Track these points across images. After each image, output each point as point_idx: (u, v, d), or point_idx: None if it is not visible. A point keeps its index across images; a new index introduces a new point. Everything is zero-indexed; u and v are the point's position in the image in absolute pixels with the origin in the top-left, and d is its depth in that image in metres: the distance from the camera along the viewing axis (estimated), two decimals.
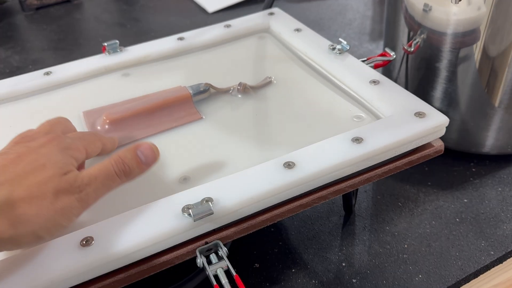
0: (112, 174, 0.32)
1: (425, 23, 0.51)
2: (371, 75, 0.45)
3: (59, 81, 0.50)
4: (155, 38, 0.56)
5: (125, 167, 0.32)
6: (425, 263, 0.43)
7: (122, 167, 0.32)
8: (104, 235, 0.31)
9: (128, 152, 0.33)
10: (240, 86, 0.46)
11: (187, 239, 0.33)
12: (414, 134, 0.38)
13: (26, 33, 0.93)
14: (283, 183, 0.34)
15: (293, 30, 0.54)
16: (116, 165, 0.32)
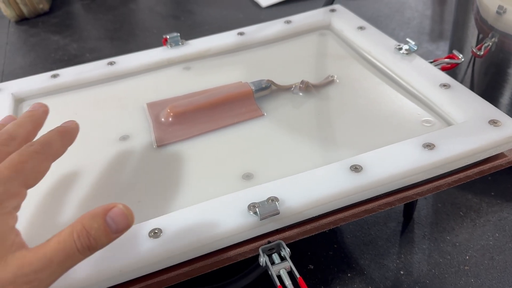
0: (73, 252, 0.24)
1: (498, 26, 0.49)
2: (441, 78, 0.43)
3: (122, 72, 0.51)
4: (209, 31, 0.56)
5: (91, 241, 0.24)
6: (487, 277, 0.41)
7: (87, 242, 0.24)
8: (171, 227, 0.31)
9: (95, 220, 0.25)
10: (302, 84, 0.46)
11: (251, 237, 0.33)
12: (489, 143, 0.36)
13: (83, 22, 0.95)
14: (349, 187, 0.34)
15: (356, 28, 0.53)
16: (80, 240, 0.24)
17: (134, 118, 0.44)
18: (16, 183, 0.25)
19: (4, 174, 0.25)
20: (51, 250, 0.23)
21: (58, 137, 0.30)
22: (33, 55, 0.83)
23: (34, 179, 0.27)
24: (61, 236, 0.24)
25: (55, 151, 0.29)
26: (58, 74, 0.50)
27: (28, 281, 0.22)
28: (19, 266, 0.22)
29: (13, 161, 0.26)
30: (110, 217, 0.25)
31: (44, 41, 0.87)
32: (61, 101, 0.48)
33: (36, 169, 0.27)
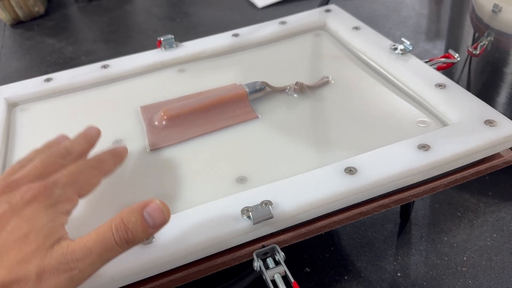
0: (111, 244, 0.26)
1: (494, 25, 0.49)
2: (437, 78, 0.43)
3: (116, 75, 0.51)
4: (205, 32, 0.56)
5: (128, 235, 0.26)
6: (485, 278, 0.41)
7: (125, 235, 0.26)
8: (164, 233, 0.31)
9: (132, 214, 0.27)
10: (297, 86, 0.45)
11: (244, 242, 0.32)
12: (485, 143, 0.36)
13: (79, 25, 0.95)
14: (344, 189, 0.33)
15: (352, 28, 0.53)
16: (118, 233, 0.26)
17: (127, 122, 0.44)
18: (72, 190, 0.29)
19: (63, 180, 0.29)
20: (91, 241, 0.25)
21: (110, 156, 0.33)
22: (29, 59, 0.83)
23: (86, 189, 0.30)
24: (100, 229, 0.26)
25: (107, 168, 0.32)
26: (52, 78, 0.50)
27: (69, 269, 0.24)
28: (63, 254, 0.25)
29: (71, 171, 0.30)
30: (147, 212, 0.27)
31: (40, 44, 0.87)
32: (54, 105, 0.48)
33: (89, 181, 0.30)
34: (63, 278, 0.24)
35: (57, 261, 0.24)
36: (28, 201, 0.27)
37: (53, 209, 0.27)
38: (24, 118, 0.46)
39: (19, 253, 0.24)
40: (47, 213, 0.26)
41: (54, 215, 0.27)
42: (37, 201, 0.27)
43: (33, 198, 0.27)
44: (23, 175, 0.29)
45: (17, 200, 0.26)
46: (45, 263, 0.24)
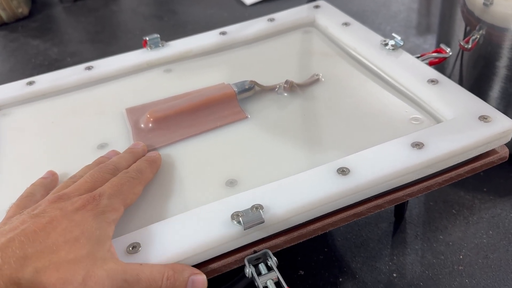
0: (156, 286, 0.28)
1: (485, 18, 0.48)
2: (429, 73, 0.42)
3: (100, 76, 0.49)
4: (193, 30, 0.55)
5: None
6: (482, 276, 0.40)
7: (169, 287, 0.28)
8: (151, 241, 0.30)
9: (183, 274, 0.29)
10: (286, 84, 0.44)
11: (235, 248, 0.31)
12: (480, 140, 0.35)
13: (64, 25, 0.93)
14: (337, 191, 0.32)
15: (341, 24, 0.52)
16: (166, 281, 0.28)
17: (113, 125, 0.43)
18: (117, 200, 0.31)
19: (108, 192, 0.31)
20: (142, 273, 0.27)
21: (147, 165, 0.36)
22: (13, 61, 0.81)
23: (131, 199, 0.32)
24: (154, 268, 0.28)
25: (146, 176, 0.35)
26: (34, 81, 0.49)
27: (116, 286, 0.26)
28: (115, 270, 0.27)
29: (114, 183, 0.32)
30: (192, 280, 0.29)
31: (24, 46, 0.85)
32: (37, 109, 0.46)
33: (132, 191, 0.33)
34: None
35: (107, 274, 0.26)
36: (78, 208, 0.29)
37: (101, 217, 0.29)
38: (6, 123, 0.45)
39: (69, 253, 0.26)
40: (95, 221, 0.28)
41: (102, 223, 0.29)
42: (85, 209, 0.29)
43: (82, 207, 0.29)
44: (74, 189, 0.31)
45: (68, 207, 0.29)
46: (94, 271, 0.26)
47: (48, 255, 0.25)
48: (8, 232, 0.27)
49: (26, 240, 0.26)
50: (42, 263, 0.25)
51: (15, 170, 0.39)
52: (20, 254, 0.25)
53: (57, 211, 0.28)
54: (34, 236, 0.26)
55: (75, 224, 0.27)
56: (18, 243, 0.26)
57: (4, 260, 0.25)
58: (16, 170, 0.39)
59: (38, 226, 0.27)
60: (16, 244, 0.26)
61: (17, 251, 0.25)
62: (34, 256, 0.25)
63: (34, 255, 0.25)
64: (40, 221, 0.27)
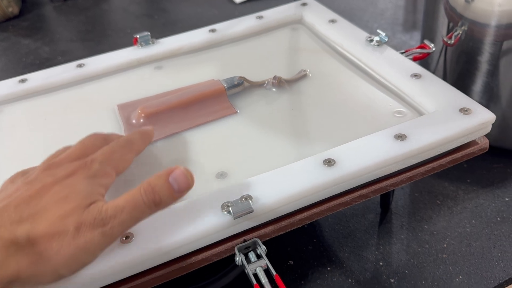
0: (140, 204, 0.29)
1: (467, 14, 0.49)
2: (412, 68, 0.44)
3: (92, 74, 0.50)
4: (183, 29, 0.56)
5: (156, 197, 0.29)
6: (465, 264, 0.42)
7: (152, 197, 0.29)
8: (144, 231, 0.31)
9: (159, 179, 0.29)
10: (274, 80, 0.45)
11: (225, 237, 0.32)
12: (460, 131, 0.36)
13: (54, 24, 0.93)
14: (323, 181, 0.33)
15: (328, 21, 0.53)
16: (146, 195, 0.29)
17: (105, 121, 0.44)
18: (109, 166, 0.32)
19: (100, 158, 0.32)
20: (122, 202, 0.28)
21: (138, 136, 0.36)
22: (4, 60, 0.81)
23: (122, 166, 0.33)
24: (130, 192, 0.29)
25: (137, 146, 0.35)
26: (26, 79, 0.49)
27: (103, 224, 0.27)
28: (98, 211, 0.28)
29: (106, 150, 0.33)
30: (172, 177, 0.30)
31: (15, 46, 0.85)
32: (30, 107, 0.47)
33: (123, 158, 0.33)
34: (97, 232, 0.27)
35: (93, 217, 0.27)
36: (69, 174, 0.30)
37: (92, 180, 0.30)
38: None
39: (59, 210, 0.27)
40: (86, 182, 0.29)
41: (92, 184, 0.30)
42: (77, 174, 0.30)
43: (74, 172, 0.30)
44: (65, 157, 0.32)
45: (59, 174, 0.30)
46: (82, 219, 0.27)
47: (41, 215, 0.27)
48: (3, 199, 0.28)
49: (21, 205, 0.27)
50: (36, 222, 0.27)
51: (8, 167, 0.40)
52: (16, 218, 0.27)
53: (49, 178, 0.29)
54: (28, 200, 0.28)
55: (66, 186, 0.29)
56: (13, 207, 0.27)
57: (1, 223, 0.26)
58: (9, 167, 0.40)
59: (32, 192, 0.28)
60: (11, 209, 0.27)
61: (12, 215, 0.27)
62: (29, 217, 0.27)
63: (28, 216, 0.27)
64: (33, 187, 0.29)
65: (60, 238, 0.26)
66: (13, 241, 0.26)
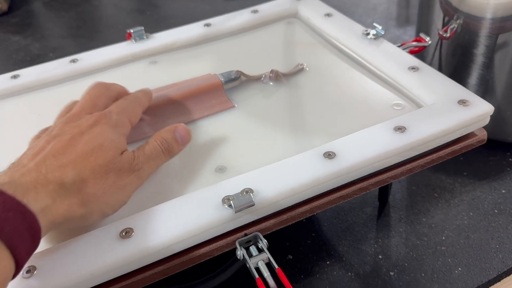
0: (160, 153, 0.34)
1: (462, 8, 0.49)
2: (410, 61, 0.44)
3: (85, 69, 0.49)
4: (175, 24, 0.55)
5: (169, 147, 0.35)
6: (464, 256, 0.42)
7: (167, 147, 0.35)
8: (144, 226, 0.30)
9: (168, 133, 0.35)
10: (272, 74, 0.45)
11: (226, 231, 0.32)
12: (459, 123, 0.36)
13: (44, 21, 0.92)
14: (324, 174, 0.33)
15: (324, 15, 0.53)
16: (162, 145, 0.34)
17: None
18: (124, 117, 0.35)
19: (115, 110, 0.35)
20: (148, 150, 0.34)
21: (142, 93, 0.40)
22: None
23: (134, 117, 0.37)
24: (151, 143, 0.34)
25: (143, 102, 0.39)
26: (19, 75, 0.48)
27: (137, 169, 0.32)
28: (132, 158, 0.32)
29: (118, 104, 0.36)
30: (177, 132, 0.36)
31: (4, 42, 0.84)
32: (22, 103, 0.46)
33: (134, 112, 0.37)
34: (133, 175, 0.32)
35: (129, 163, 0.32)
36: (93, 124, 0.32)
37: (115, 129, 0.33)
38: None
39: (98, 158, 0.30)
40: (112, 131, 0.33)
41: (118, 134, 0.33)
42: (100, 123, 0.33)
43: (96, 122, 0.33)
44: (80, 108, 0.35)
45: (83, 125, 0.32)
46: (121, 165, 0.31)
47: (81, 162, 0.30)
48: (38, 152, 0.30)
49: (58, 155, 0.30)
50: (79, 168, 0.29)
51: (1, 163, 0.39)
52: (58, 164, 0.29)
53: (75, 129, 0.32)
54: (63, 150, 0.30)
55: (96, 135, 0.32)
56: (52, 157, 0.30)
57: (48, 170, 0.29)
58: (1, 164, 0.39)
59: (63, 142, 0.31)
60: (51, 158, 0.29)
61: (54, 163, 0.29)
62: (70, 164, 0.29)
63: (69, 163, 0.29)
64: (63, 138, 0.31)
65: (104, 181, 0.30)
66: (62, 185, 0.28)
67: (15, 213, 0.25)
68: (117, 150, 0.32)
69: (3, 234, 0.24)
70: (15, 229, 0.24)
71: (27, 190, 0.27)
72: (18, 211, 0.25)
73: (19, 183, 0.27)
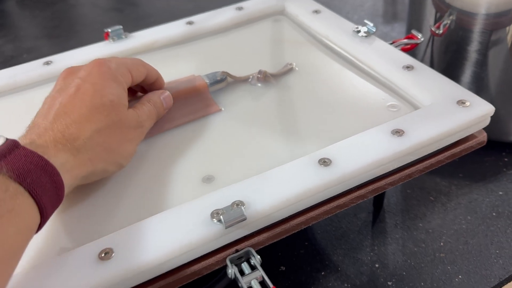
0: (154, 114, 0.36)
1: (455, 4, 0.48)
2: (404, 59, 0.42)
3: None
4: (156, 23, 0.52)
5: (159, 110, 0.37)
6: (464, 262, 0.40)
7: (157, 110, 0.36)
8: (124, 245, 0.28)
9: (157, 97, 0.37)
10: (260, 74, 0.43)
11: (216, 248, 0.29)
12: (460, 125, 0.34)
13: (18, 20, 0.88)
14: (320, 182, 0.31)
15: (312, 12, 0.51)
16: (155, 107, 0.36)
17: None
18: (124, 67, 0.35)
19: (114, 60, 0.35)
20: (146, 111, 0.35)
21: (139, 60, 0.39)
22: None
23: (136, 70, 0.36)
24: (145, 106, 0.36)
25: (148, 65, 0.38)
26: None
27: (141, 125, 0.34)
28: (137, 115, 0.34)
29: (118, 59, 0.36)
30: (163, 97, 0.38)
31: None
32: None
33: (136, 67, 0.36)
34: (139, 131, 0.34)
35: (136, 121, 0.34)
36: (92, 71, 0.33)
37: (116, 80, 0.33)
38: None
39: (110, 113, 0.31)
40: (114, 84, 0.33)
41: (121, 87, 0.33)
42: (100, 69, 0.33)
43: (94, 67, 0.33)
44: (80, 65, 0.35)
45: (83, 74, 0.33)
46: (130, 122, 0.33)
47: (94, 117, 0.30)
48: (49, 110, 0.30)
49: (68, 111, 0.30)
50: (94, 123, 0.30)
51: None
52: (71, 120, 0.30)
53: (77, 80, 0.32)
54: (72, 105, 0.30)
55: (100, 87, 0.32)
56: (64, 114, 0.30)
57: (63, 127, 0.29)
58: None
59: (69, 96, 0.31)
60: (63, 115, 0.30)
61: (67, 119, 0.30)
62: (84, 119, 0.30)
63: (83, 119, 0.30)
64: (68, 92, 0.31)
65: (117, 135, 0.32)
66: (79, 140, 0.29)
67: (36, 166, 0.26)
68: (125, 106, 0.33)
69: (26, 183, 0.25)
70: (38, 180, 0.25)
71: (47, 149, 0.28)
72: (39, 165, 0.26)
73: (38, 143, 0.28)
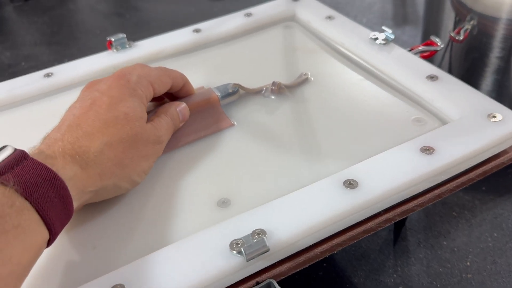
0: (171, 126, 0.35)
1: (477, 8, 0.45)
2: (427, 69, 0.39)
3: (62, 84, 0.44)
4: (158, 28, 0.50)
5: (175, 123, 0.35)
6: (493, 284, 0.38)
7: (174, 122, 0.35)
8: (137, 280, 0.25)
9: (174, 110, 0.35)
10: (274, 86, 0.40)
11: (235, 281, 0.27)
12: (492, 141, 0.32)
13: (16, 27, 0.85)
14: (346, 207, 0.29)
15: (325, 18, 0.48)
16: (173, 121, 0.35)
17: None
18: (145, 80, 0.34)
19: (136, 73, 0.34)
20: (164, 125, 0.34)
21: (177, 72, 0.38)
22: None
23: (158, 83, 0.35)
24: (161, 117, 0.34)
25: (174, 74, 0.37)
26: None
27: (159, 142, 0.33)
28: (155, 130, 0.32)
29: (142, 69, 0.35)
30: (179, 110, 0.36)
31: None
32: None
33: (160, 78, 0.35)
34: (158, 146, 0.33)
35: (154, 135, 0.32)
36: (111, 85, 0.32)
37: (135, 95, 0.32)
38: None
39: (124, 127, 0.30)
40: (132, 99, 0.32)
41: (138, 100, 0.32)
42: (119, 83, 0.32)
43: (114, 81, 0.32)
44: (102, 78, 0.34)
45: (103, 87, 0.32)
46: (147, 137, 0.31)
47: (107, 130, 0.29)
48: (63, 123, 0.30)
49: (81, 123, 0.29)
50: (107, 136, 0.29)
51: None
52: (83, 132, 0.29)
53: (95, 92, 0.32)
54: (85, 117, 0.30)
55: (116, 100, 0.31)
56: (76, 126, 0.29)
57: (74, 139, 0.28)
58: None
59: (84, 109, 0.30)
60: (75, 128, 0.29)
61: (79, 131, 0.29)
62: (97, 132, 0.29)
63: (96, 132, 0.29)
64: (83, 104, 0.31)
65: (131, 150, 0.30)
66: (89, 154, 0.28)
67: (44, 179, 0.25)
68: (142, 120, 0.32)
69: (33, 199, 0.24)
70: (45, 195, 0.24)
71: (55, 159, 0.27)
72: (47, 179, 0.25)
73: (47, 153, 0.27)
